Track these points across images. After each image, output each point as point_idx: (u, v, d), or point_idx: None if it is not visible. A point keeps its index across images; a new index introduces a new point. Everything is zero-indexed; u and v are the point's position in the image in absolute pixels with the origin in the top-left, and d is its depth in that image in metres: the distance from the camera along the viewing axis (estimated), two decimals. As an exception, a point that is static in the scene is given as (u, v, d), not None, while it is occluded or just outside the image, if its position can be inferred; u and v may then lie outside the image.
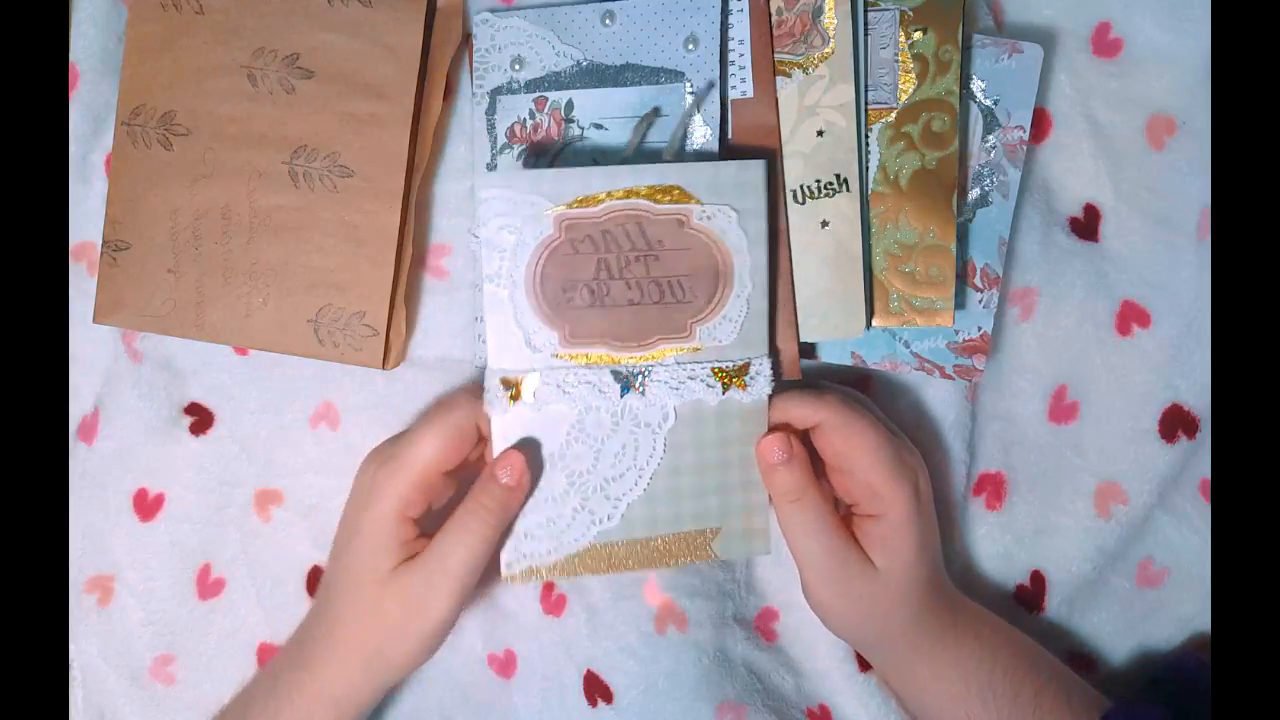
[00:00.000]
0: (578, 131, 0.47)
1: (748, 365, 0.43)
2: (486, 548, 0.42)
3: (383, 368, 0.48)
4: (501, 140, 0.48)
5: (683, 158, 0.43)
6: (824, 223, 0.45)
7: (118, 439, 0.51)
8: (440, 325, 0.50)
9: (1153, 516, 0.51)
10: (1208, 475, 0.50)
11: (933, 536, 0.46)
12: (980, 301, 0.47)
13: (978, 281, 0.47)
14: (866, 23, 0.46)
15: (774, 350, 0.45)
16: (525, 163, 0.47)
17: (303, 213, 0.47)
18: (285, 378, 0.51)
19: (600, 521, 0.44)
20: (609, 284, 0.41)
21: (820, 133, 0.45)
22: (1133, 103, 0.49)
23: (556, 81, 0.47)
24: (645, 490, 0.44)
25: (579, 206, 0.41)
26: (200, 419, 0.51)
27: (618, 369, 0.42)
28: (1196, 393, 0.49)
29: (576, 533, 0.44)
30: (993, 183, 0.47)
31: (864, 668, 0.50)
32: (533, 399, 0.42)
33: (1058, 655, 0.47)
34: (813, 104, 0.45)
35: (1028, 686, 0.44)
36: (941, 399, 0.50)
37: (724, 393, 0.43)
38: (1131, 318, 0.50)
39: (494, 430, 0.43)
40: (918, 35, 0.45)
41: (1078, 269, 0.50)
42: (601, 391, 0.42)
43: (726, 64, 0.46)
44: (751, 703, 0.49)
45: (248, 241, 0.47)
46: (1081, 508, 0.50)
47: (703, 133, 0.45)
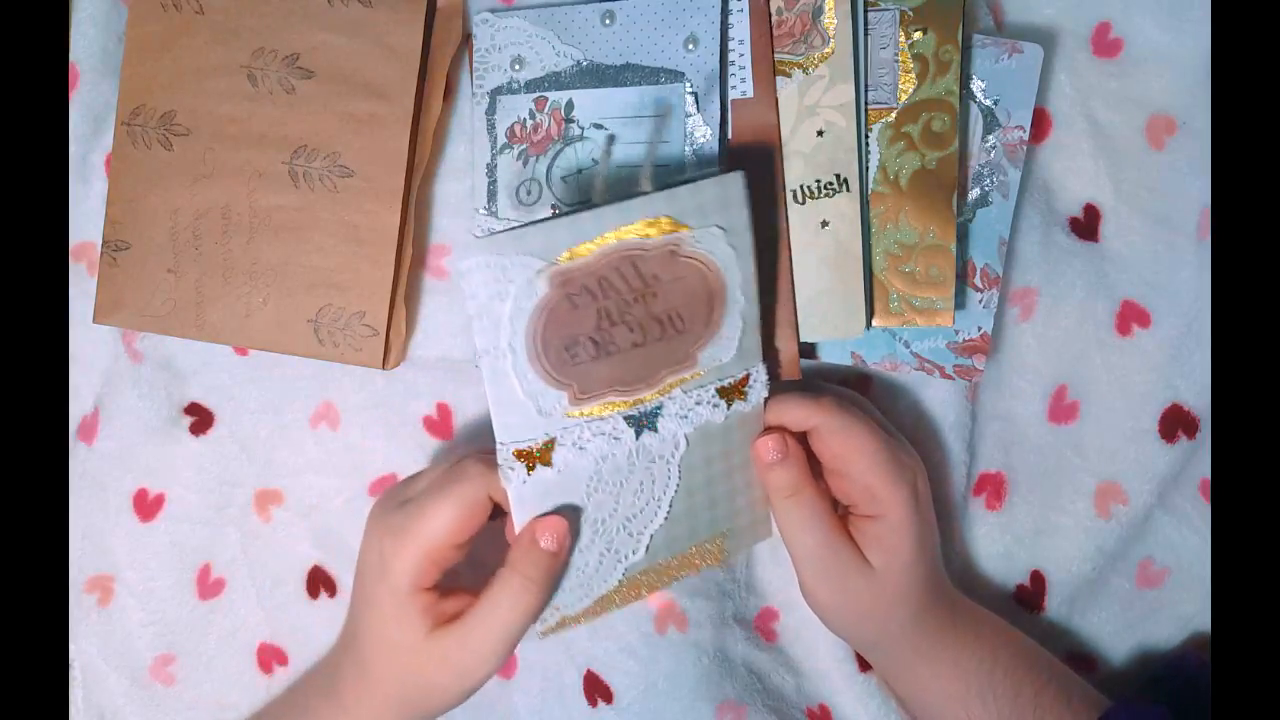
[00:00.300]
0: (578, 131, 0.47)
1: (747, 376, 0.43)
2: (533, 614, 0.41)
3: (383, 368, 0.48)
4: (501, 140, 0.48)
5: (657, 177, 0.40)
6: (824, 223, 0.45)
7: (118, 439, 0.51)
8: (440, 325, 0.50)
9: (1153, 516, 0.51)
10: (1208, 475, 0.50)
11: (931, 537, 0.46)
12: (980, 301, 0.47)
13: (978, 281, 0.47)
14: (866, 23, 0.46)
15: (769, 352, 0.44)
16: (512, 199, 0.46)
17: (303, 213, 0.47)
18: (285, 378, 0.51)
19: (626, 558, 0.43)
20: (611, 331, 0.39)
21: (820, 133, 0.45)
22: (1133, 103, 0.49)
23: (556, 81, 0.47)
24: (665, 518, 0.43)
25: (570, 260, 0.38)
26: (200, 419, 0.51)
27: (629, 413, 0.41)
28: (1196, 393, 0.49)
29: (605, 574, 0.43)
30: (993, 183, 0.47)
31: (864, 668, 0.50)
32: (553, 465, 0.40)
33: (1058, 655, 0.47)
34: (813, 104, 0.45)
35: (1028, 686, 0.44)
36: (941, 399, 0.50)
37: (728, 408, 0.42)
38: (1131, 318, 0.50)
39: (512, 501, 0.40)
40: (918, 35, 0.45)
41: (1078, 269, 0.50)
42: (617, 439, 0.41)
43: (726, 64, 0.46)
44: (751, 703, 0.49)
45: (248, 241, 0.47)
46: (1081, 508, 0.50)
47: (703, 133, 0.45)
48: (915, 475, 0.44)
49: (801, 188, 0.46)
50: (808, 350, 0.48)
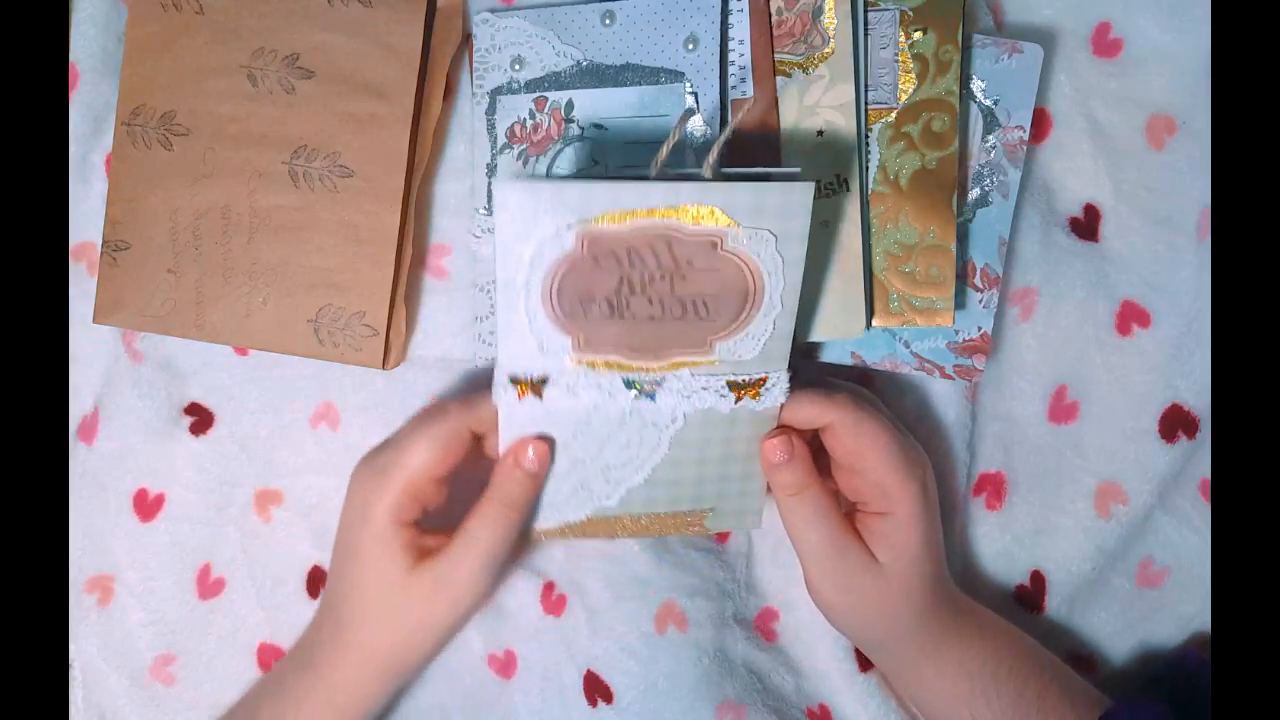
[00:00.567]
0: (578, 131, 0.47)
1: (765, 378, 0.42)
2: (512, 534, 0.43)
3: (383, 368, 0.48)
4: (501, 140, 0.48)
5: (718, 175, 0.39)
6: (824, 223, 0.45)
7: (118, 439, 0.51)
8: (440, 325, 0.50)
9: (1153, 516, 0.51)
10: (1208, 475, 0.50)
11: (938, 534, 0.46)
12: (980, 301, 0.47)
13: (978, 281, 0.47)
14: (866, 23, 0.46)
15: (793, 366, 0.43)
16: (530, 165, 0.47)
17: (303, 213, 0.47)
18: (285, 378, 0.51)
19: (597, 500, 0.44)
20: (629, 299, 0.39)
21: (820, 133, 0.45)
22: (1133, 103, 0.49)
23: (556, 81, 0.47)
24: (646, 479, 0.44)
25: (603, 223, 0.38)
26: (200, 419, 0.51)
27: (629, 377, 0.41)
28: (1196, 393, 0.49)
29: (575, 507, 0.45)
30: (993, 183, 0.47)
31: (864, 668, 0.50)
32: (544, 398, 0.42)
33: (1058, 655, 0.47)
34: (813, 104, 0.45)
35: (1031, 686, 0.44)
36: (941, 399, 0.50)
37: (736, 402, 0.42)
38: (1131, 318, 0.50)
39: (501, 420, 0.42)
40: (918, 35, 0.45)
41: (1078, 269, 0.50)
42: (611, 395, 0.42)
43: (726, 64, 0.46)
44: (751, 703, 0.49)
45: (248, 241, 0.47)
46: (1081, 508, 0.51)
47: (703, 132, 0.45)
48: (925, 472, 0.44)
49: (801, 188, 0.46)
50: (808, 350, 0.48)
